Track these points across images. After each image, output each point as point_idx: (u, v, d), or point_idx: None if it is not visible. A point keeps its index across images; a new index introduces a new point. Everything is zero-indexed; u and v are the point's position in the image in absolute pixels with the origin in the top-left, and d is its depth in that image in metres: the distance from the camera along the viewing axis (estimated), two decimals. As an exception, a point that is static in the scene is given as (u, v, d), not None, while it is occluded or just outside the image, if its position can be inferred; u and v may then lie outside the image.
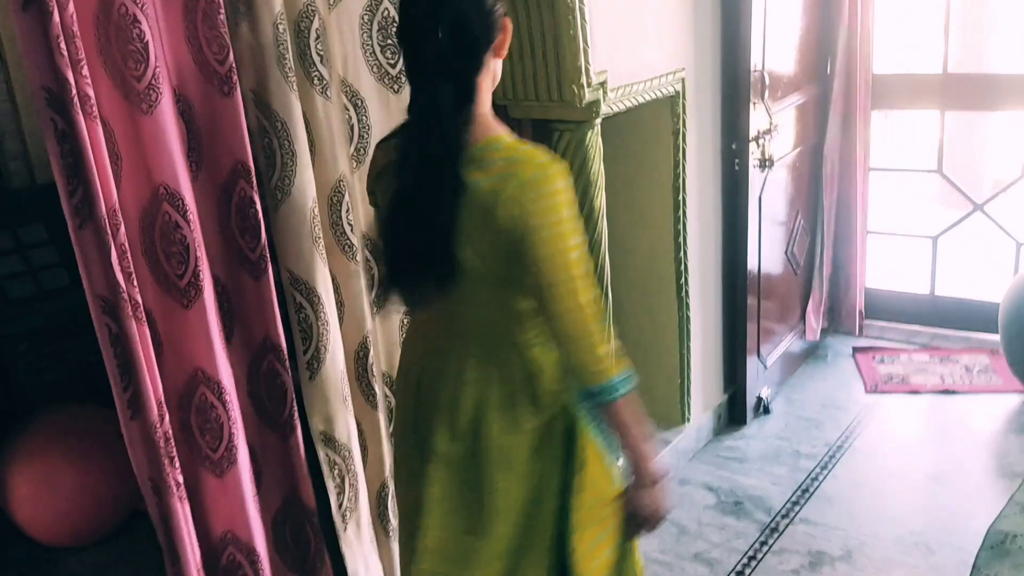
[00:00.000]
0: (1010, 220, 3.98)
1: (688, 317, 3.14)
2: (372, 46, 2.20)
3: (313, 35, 1.95)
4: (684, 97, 2.92)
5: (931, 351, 3.95)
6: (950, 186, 4.09)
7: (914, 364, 3.85)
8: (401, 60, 2.26)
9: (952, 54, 3.83)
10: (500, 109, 2.59)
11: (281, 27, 1.83)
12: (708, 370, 3.37)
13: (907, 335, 4.12)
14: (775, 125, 3.30)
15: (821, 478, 3.11)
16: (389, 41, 2.23)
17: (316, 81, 1.98)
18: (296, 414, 2.01)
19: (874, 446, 3.31)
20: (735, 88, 3.14)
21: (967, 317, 4.02)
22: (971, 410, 3.49)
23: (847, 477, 3.11)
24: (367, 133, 2.23)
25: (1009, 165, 3.97)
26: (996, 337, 3.52)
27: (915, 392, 3.64)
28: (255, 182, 1.85)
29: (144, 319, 1.67)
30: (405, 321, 2.42)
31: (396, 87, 2.27)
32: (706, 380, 3.37)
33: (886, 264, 4.31)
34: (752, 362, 3.45)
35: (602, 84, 2.47)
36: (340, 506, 2.15)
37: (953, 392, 3.61)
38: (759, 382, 3.53)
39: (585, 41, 2.36)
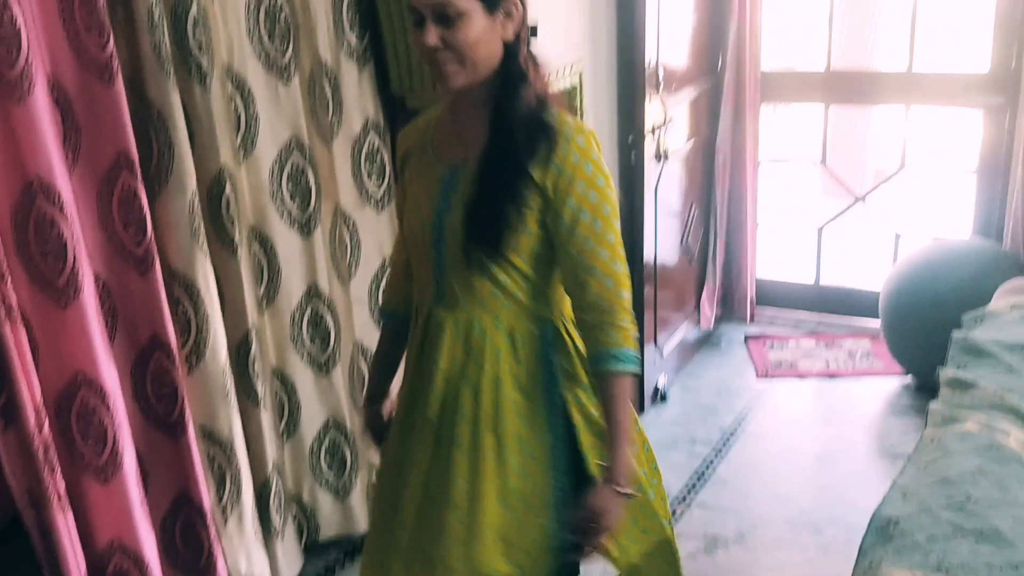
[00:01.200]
0: (890, 211, 4.17)
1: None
2: (260, 34, 2.14)
3: (191, 22, 1.87)
4: (582, 90, 2.94)
5: (817, 337, 4.11)
6: (833, 178, 4.26)
7: (801, 350, 4.00)
8: (291, 50, 2.20)
9: (835, 52, 3.98)
10: (397, 100, 2.56)
11: (156, 13, 1.75)
12: (607, 360, 3.41)
13: (795, 322, 4.27)
14: (670, 118, 3.36)
15: (716, 463, 3.20)
16: (277, 29, 2.18)
17: (195, 70, 1.91)
18: (187, 413, 1.94)
19: (765, 430, 3.42)
20: (631, 81, 3.19)
21: (850, 304, 4.20)
22: (855, 393, 3.65)
23: (740, 461, 3.21)
24: (255, 123, 2.17)
25: (889, 158, 4.15)
26: (877, 323, 3.69)
27: (803, 377, 3.78)
28: (139, 174, 1.77)
29: (19, 321, 1.58)
30: (302, 316, 2.37)
31: (286, 76, 2.21)
32: (605, 370, 3.41)
33: (775, 253, 4.46)
34: (649, 351, 3.52)
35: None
36: (220, 501, 2.10)
37: (838, 376, 3.76)
38: (656, 370, 3.60)
39: (482, 32, 2.34)
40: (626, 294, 1.52)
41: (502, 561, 1.56)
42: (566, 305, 1.60)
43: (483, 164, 1.51)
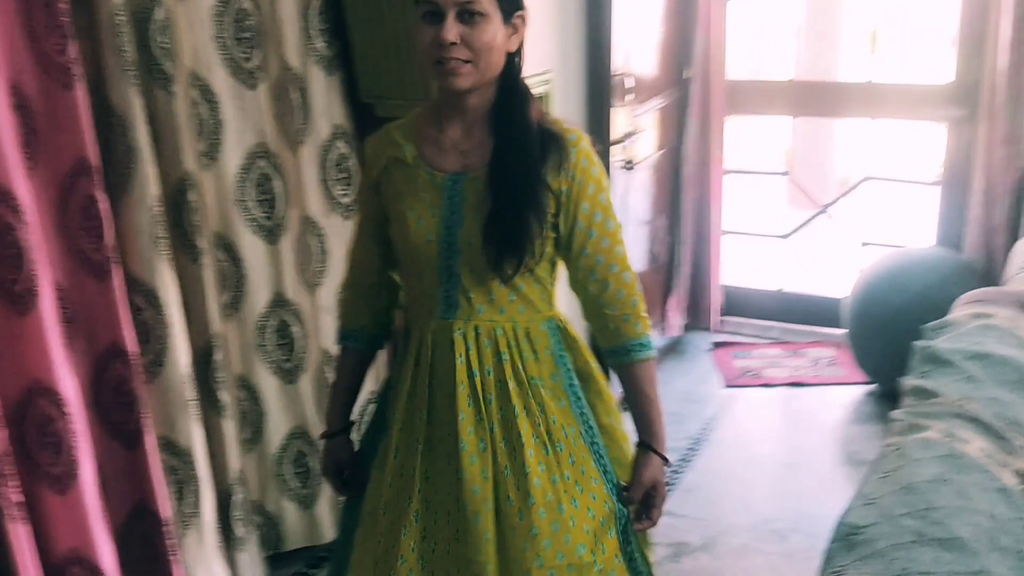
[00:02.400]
0: (854, 221, 4.22)
1: (555, 316, 3.18)
2: (226, 39, 2.12)
3: (156, 26, 1.85)
4: (550, 99, 2.95)
5: (782, 345, 4.14)
6: (799, 188, 4.31)
7: (767, 358, 4.03)
8: (257, 56, 2.19)
9: (800, 63, 4.03)
10: (365, 107, 2.55)
11: (120, 18, 1.73)
12: (574, 368, 3.42)
13: (761, 330, 4.31)
14: (638, 128, 3.38)
15: (683, 471, 3.21)
16: (244, 35, 2.16)
17: (158, 75, 1.88)
18: (145, 422, 1.91)
19: (732, 438, 3.44)
20: (600, 91, 3.20)
21: (815, 313, 4.24)
22: (819, 401, 3.68)
23: (707, 469, 3.22)
24: (220, 129, 2.15)
25: (853, 168, 4.21)
26: (842, 331, 3.73)
27: (768, 385, 3.81)
28: (99, 180, 1.75)
29: (-28, 328, 1.54)
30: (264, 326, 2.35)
31: (252, 82, 2.20)
32: (573, 378, 3.41)
33: (741, 262, 4.50)
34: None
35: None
36: (180, 511, 2.07)
37: (803, 384, 3.80)
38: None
39: (451, 40, 2.34)
40: (639, 285, 1.61)
41: (592, 549, 1.58)
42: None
43: (498, 174, 1.52)
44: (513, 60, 1.55)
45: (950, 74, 3.69)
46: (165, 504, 2.00)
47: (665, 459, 1.65)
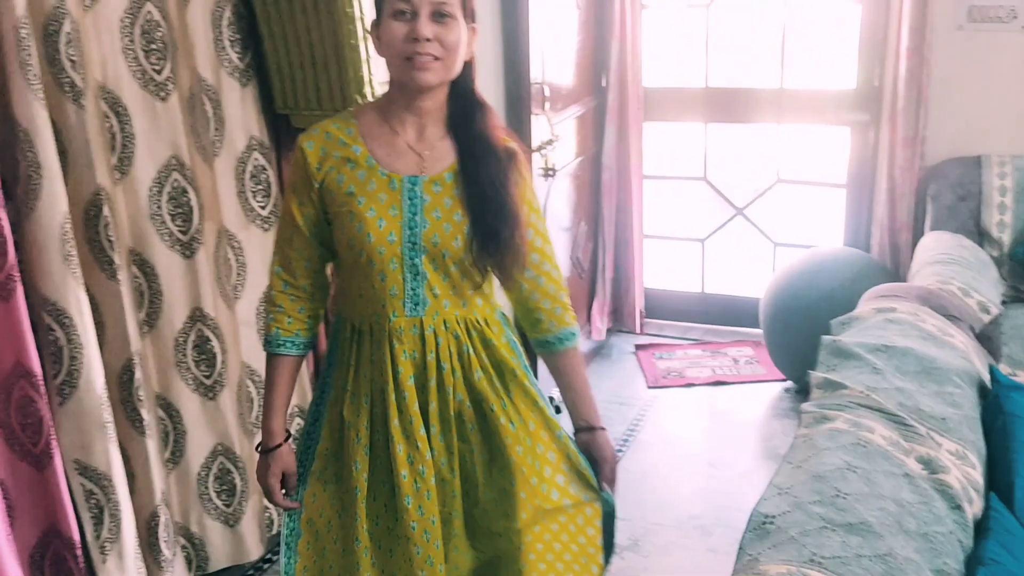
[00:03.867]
0: (767, 223, 4.35)
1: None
2: (135, 51, 2.08)
3: (64, 39, 1.81)
4: (468, 108, 2.97)
5: (703, 346, 4.24)
6: (714, 192, 4.42)
7: (689, 358, 4.12)
8: (168, 67, 2.15)
9: (712, 70, 4.14)
10: (281, 119, 2.53)
11: (24, 31, 1.69)
12: (501, 374, 3.44)
13: (682, 331, 4.40)
14: (557, 136, 3.43)
15: (609, 472, 3.26)
16: (153, 46, 2.12)
17: (67, 88, 1.84)
18: (53, 443, 1.86)
19: (656, 438, 3.51)
20: (518, 100, 3.24)
21: (734, 313, 4.36)
22: (740, 399, 3.78)
23: (634, 469, 3.28)
24: (131, 142, 2.11)
25: (765, 172, 4.34)
26: (759, 331, 3.84)
27: (691, 385, 3.89)
28: (1, 197, 1.70)
29: None
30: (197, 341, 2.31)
31: (163, 94, 2.16)
32: (499, 384, 3.43)
33: (662, 265, 4.59)
34: (543, 364, 3.56)
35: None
36: (98, 537, 2.02)
37: (724, 383, 3.89)
38: (550, 381, 3.64)
39: (367, 50, 2.34)
40: (561, 280, 1.73)
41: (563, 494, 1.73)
42: None
43: (473, 183, 1.60)
44: (468, 68, 1.63)
45: (852, 80, 3.84)
46: (75, 527, 1.94)
47: (600, 424, 1.80)
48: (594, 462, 1.76)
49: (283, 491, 1.72)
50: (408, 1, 1.51)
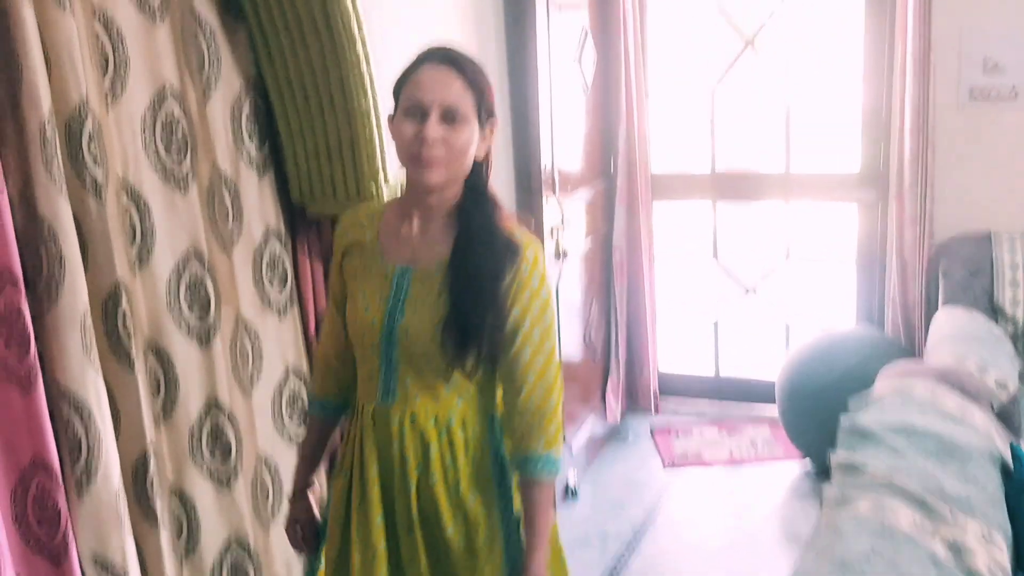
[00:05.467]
0: (779, 302, 4.36)
1: (493, 407, 3.18)
2: (155, 146, 2.14)
3: (87, 136, 1.87)
4: (479, 194, 3.02)
5: (719, 425, 4.20)
6: (725, 272, 4.44)
7: (705, 439, 4.08)
8: (188, 161, 2.21)
9: (718, 154, 4.21)
10: (298, 207, 2.57)
11: (49, 129, 1.74)
12: (516, 458, 3.41)
13: (698, 411, 4.37)
14: (567, 219, 3.47)
15: (628, 558, 3.19)
16: (174, 141, 2.18)
17: (89, 184, 1.89)
18: (71, 536, 1.84)
19: (675, 521, 3.45)
20: (529, 185, 3.29)
21: (749, 392, 4.33)
22: (758, 480, 3.72)
23: (651, 554, 3.21)
24: (151, 235, 2.15)
25: (775, 252, 4.37)
26: (775, 409, 3.80)
27: (707, 465, 3.84)
28: (23, 290, 1.72)
29: None
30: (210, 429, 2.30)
31: (183, 187, 2.21)
32: (514, 468, 3.40)
33: (676, 345, 4.58)
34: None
35: (401, 184, 2.51)
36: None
37: (741, 464, 3.84)
38: (566, 467, 3.61)
39: (381, 141, 2.40)
40: (555, 400, 1.60)
41: None
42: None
43: (459, 273, 1.56)
44: (482, 167, 1.61)
45: (857, 161, 3.89)
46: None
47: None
48: None
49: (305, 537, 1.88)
50: (420, 101, 1.51)
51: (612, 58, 3.87)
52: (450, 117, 1.52)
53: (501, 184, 3.19)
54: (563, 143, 3.47)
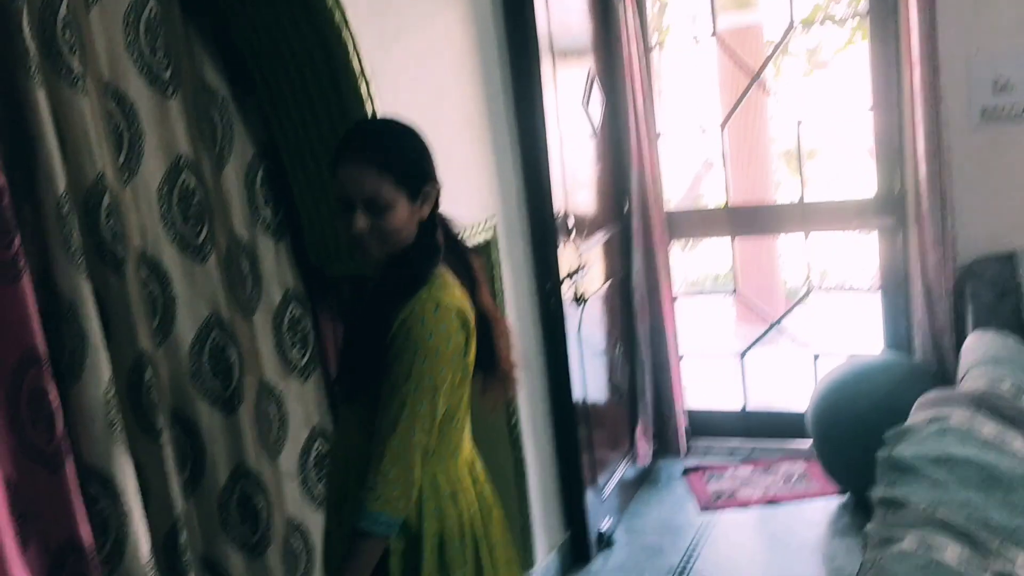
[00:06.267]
0: (805, 332, 4.31)
1: (523, 459, 3.14)
2: (172, 216, 2.16)
3: (104, 212, 1.88)
4: (496, 243, 3.02)
5: (753, 464, 4.13)
6: (747, 305, 4.41)
7: (739, 478, 4.00)
8: (205, 230, 2.22)
9: (731, 189, 4.21)
10: (315, 270, 2.58)
11: (65, 208, 1.76)
12: (548, 508, 3.37)
13: (729, 450, 4.30)
14: (584, 263, 3.46)
15: (668, 605, 3.12)
16: (191, 211, 2.20)
17: (109, 259, 1.90)
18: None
19: (714, 565, 3.37)
20: (543, 231, 3.29)
21: (780, 427, 4.26)
22: (797, 517, 3.64)
23: (692, 600, 3.14)
24: (172, 305, 2.16)
25: (796, 281, 4.33)
26: (808, 443, 3.73)
27: (744, 505, 3.77)
28: (47, 370, 1.72)
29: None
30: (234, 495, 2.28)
31: (201, 256, 2.22)
32: (547, 519, 3.35)
33: (702, 383, 4.53)
34: (590, 495, 3.48)
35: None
36: None
37: (778, 501, 3.76)
38: (599, 514, 3.55)
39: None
40: (398, 462, 1.61)
41: None
42: (452, 462, 1.78)
43: (355, 312, 1.79)
44: (429, 222, 1.72)
45: (872, 188, 3.87)
46: None
47: None
48: None
49: None
50: (345, 195, 1.63)
51: (619, 100, 3.89)
52: (373, 207, 1.62)
53: (515, 234, 3.19)
54: (575, 188, 3.47)
